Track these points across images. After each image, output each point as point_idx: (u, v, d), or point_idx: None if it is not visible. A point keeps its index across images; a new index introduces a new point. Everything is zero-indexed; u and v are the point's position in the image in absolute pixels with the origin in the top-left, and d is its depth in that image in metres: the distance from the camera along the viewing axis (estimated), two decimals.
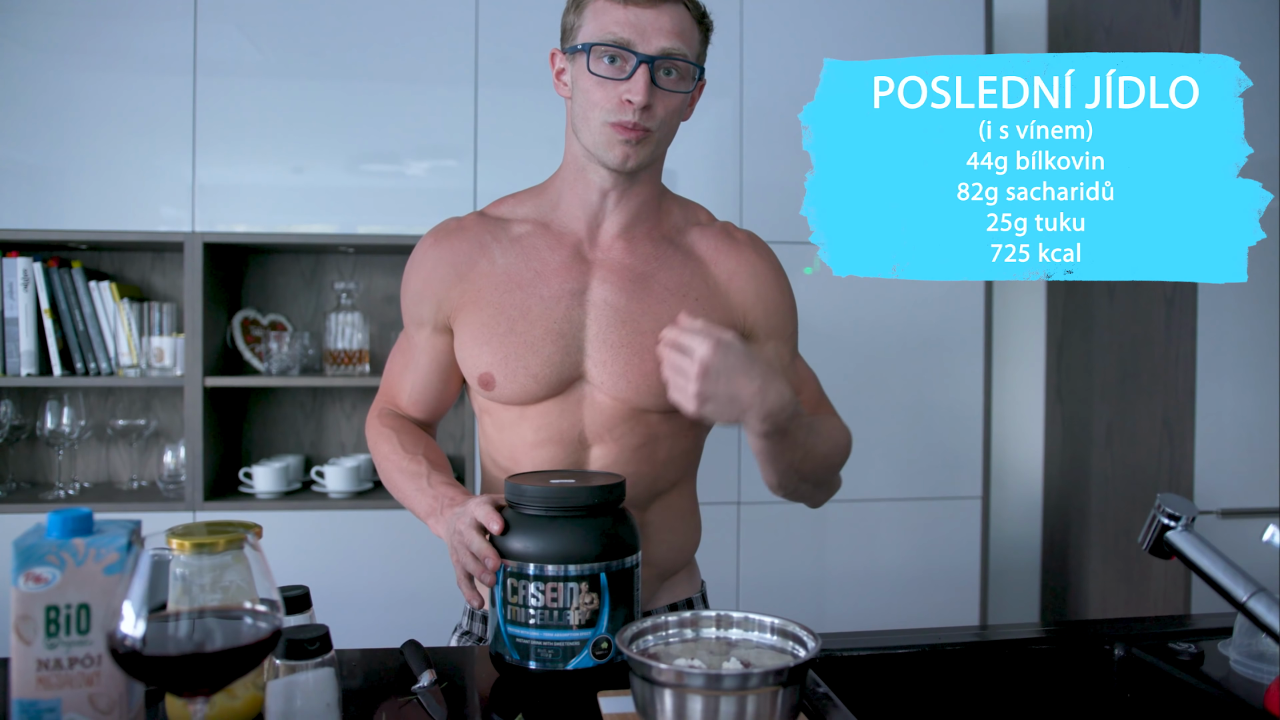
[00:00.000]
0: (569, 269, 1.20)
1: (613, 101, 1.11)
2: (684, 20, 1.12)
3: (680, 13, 1.12)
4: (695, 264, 1.23)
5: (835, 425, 1.25)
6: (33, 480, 2.53)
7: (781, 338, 1.26)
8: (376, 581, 2.32)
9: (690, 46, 1.13)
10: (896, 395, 2.55)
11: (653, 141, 1.14)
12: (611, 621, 1.00)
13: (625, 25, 1.09)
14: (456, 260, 1.22)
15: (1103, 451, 2.57)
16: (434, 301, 1.24)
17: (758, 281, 1.24)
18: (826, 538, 2.50)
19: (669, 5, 1.11)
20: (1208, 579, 0.98)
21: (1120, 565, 2.49)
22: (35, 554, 0.78)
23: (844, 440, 1.25)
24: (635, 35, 1.09)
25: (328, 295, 2.63)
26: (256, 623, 0.72)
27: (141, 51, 2.30)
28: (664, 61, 1.10)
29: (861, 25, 2.51)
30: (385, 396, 1.34)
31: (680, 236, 1.25)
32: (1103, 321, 2.58)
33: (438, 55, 2.37)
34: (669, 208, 1.27)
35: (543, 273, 1.20)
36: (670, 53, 1.10)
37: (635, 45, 1.09)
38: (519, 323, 1.19)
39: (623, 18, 1.10)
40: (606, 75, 1.11)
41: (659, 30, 1.10)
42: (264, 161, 2.34)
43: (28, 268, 2.31)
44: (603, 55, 1.11)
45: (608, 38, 1.10)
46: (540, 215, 1.24)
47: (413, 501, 1.21)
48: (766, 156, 2.47)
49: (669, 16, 1.10)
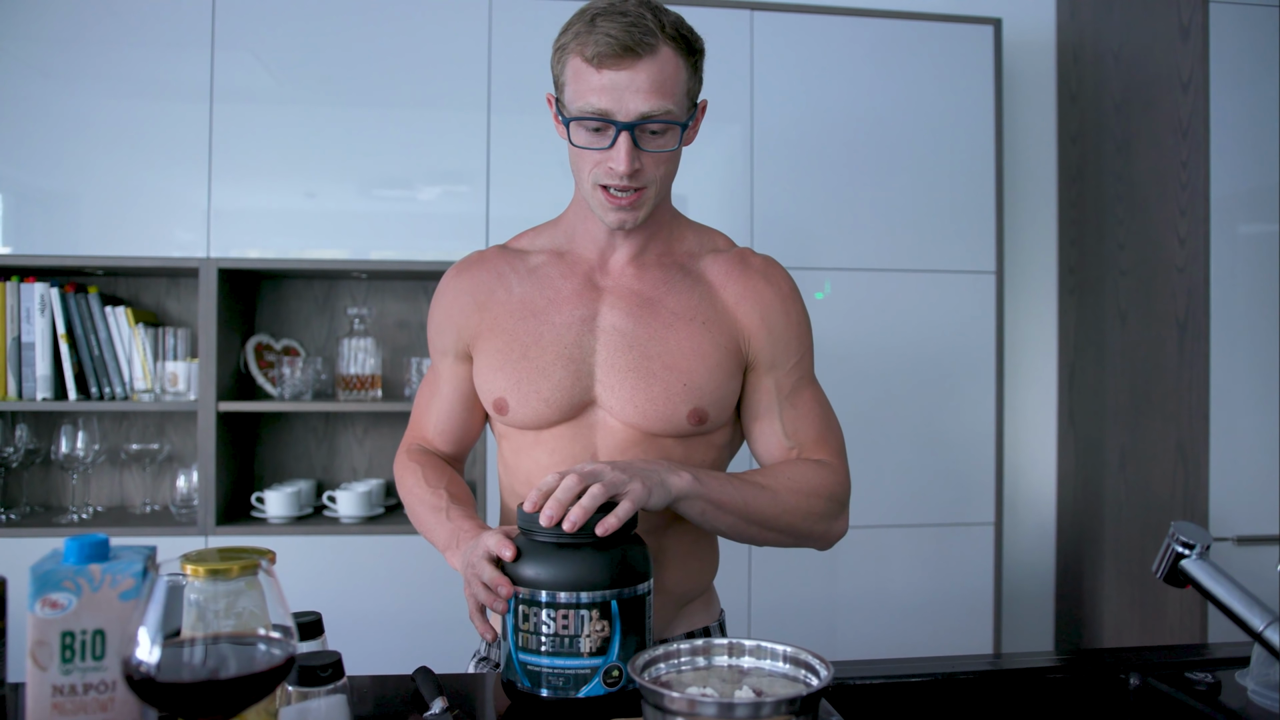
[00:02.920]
0: (581, 296, 1.22)
1: (601, 167, 1.12)
2: (665, 69, 1.09)
3: (659, 63, 1.09)
4: (704, 288, 1.23)
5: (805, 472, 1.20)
6: (46, 504, 2.54)
7: (783, 369, 1.24)
8: (388, 607, 2.32)
9: (673, 97, 1.10)
10: (908, 420, 2.54)
11: (648, 198, 1.15)
12: (623, 649, 1.00)
13: (602, 93, 1.08)
14: (476, 290, 1.26)
15: (1116, 476, 2.56)
16: (455, 331, 1.27)
17: (763, 307, 1.23)
18: (839, 564, 2.49)
19: (645, 61, 1.08)
20: (1223, 608, 0.97)
21: (1135, 592, 2.47)
22: (52, 580, 0.79)
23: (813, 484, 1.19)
24: (613, 103, 1.08)
25: (340, 320, 2.65)
26: (270, 649, 0.72)
27: (159, 79, 2.33)
28: (645, 124, 1.10)
29: (871, 53, 2.53)
30: (414, 432, 1.38)
31: (692, 262, 1.26)
32: (1115, 345, 2.58)
33: (451, 82, 2.39)
34: (682, 233, 1.28)
35: (556, 300, 1.22)
36: (650, 115, 1.09)
37: (614, 114, 1.09)
38: (532, 349, 1.20)
39: (599, 84, 1.08)
40: (589, 146, 1.12)
41: (636, 93, 1.08)
42: (278, 187, 2.37)
43: (45, 293, 2.34)
44: (584, 126, 1.11)
45: (587, 108, 1.09)
46: (555, 245, 1.27)
47: (433, 534, 1.23)
48: (777, 182, 2.48)
49: (645, 74, 1.08)
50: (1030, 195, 2.92)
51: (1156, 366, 2.39)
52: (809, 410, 1.26)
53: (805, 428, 1.25)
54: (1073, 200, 2.83)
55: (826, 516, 1.22)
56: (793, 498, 1.18)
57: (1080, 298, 2.78)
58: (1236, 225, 2.23)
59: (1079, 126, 2.80)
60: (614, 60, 1.08)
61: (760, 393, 1.24)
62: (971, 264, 2.56)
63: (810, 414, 1.26)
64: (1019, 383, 2.89)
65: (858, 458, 2.38)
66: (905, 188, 2.54)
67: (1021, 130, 2.90)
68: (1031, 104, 2.92)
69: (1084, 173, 2.76)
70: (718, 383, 1.19)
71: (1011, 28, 2.82)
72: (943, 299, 2.55)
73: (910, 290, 2.54)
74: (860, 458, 2.50)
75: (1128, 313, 2.52)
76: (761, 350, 1.23)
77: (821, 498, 1.20)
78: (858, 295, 2.52)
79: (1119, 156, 2.57)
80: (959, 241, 2.56)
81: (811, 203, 2.51)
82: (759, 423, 1.25)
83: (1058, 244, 2.91)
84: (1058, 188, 2.92)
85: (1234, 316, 2.22)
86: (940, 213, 2.55)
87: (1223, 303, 2.22)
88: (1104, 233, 2.65)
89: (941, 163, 2.56)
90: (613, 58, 1.07)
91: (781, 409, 1.24)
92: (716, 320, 1.22)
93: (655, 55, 1.09)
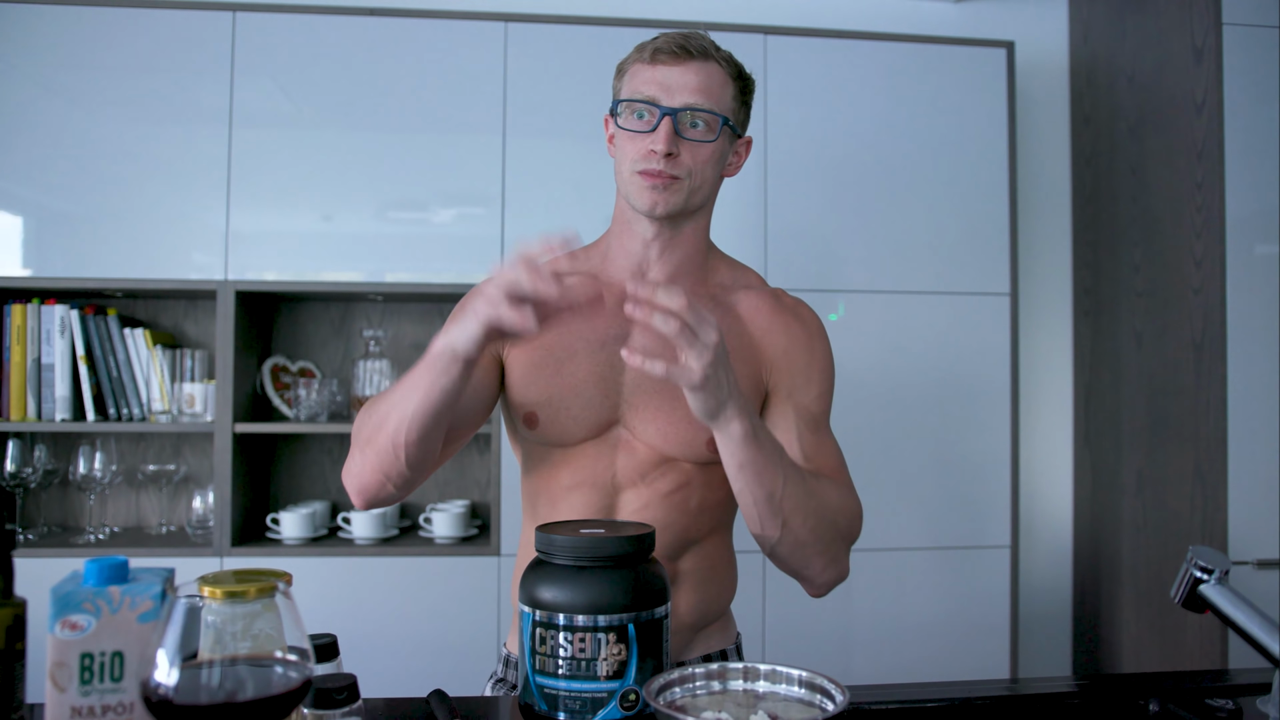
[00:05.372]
0: (615, 314, 1.22)
1: (641, 152, 1.17)
2: (713, 78, 1.18)
3: (710, 70, 1.18)
4: (733, 321, 1.25)
5: (832, 486, 1.19)
6: (64, 524, 2.56)
7: (802, 398, 1.24)
8: (402, 628, 2.32)
9: (718, 101, 1.18)
10: (924, 443, 2.53)
11: (682, 189, 1.18)
12: (640, 673, 0.99)
13: (653, 83, 1.17)
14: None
15: (1133, 499, 2.54)
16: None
17: (789, 340, 1.24)
18: (854, 588, 2.47)
19: (696, 63, 1.17)
20: (1243, 634, 0.96)
21: (1154, 616, 2.45)
22: (72, 601, 0.79)
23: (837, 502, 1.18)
24: (661, 92, 1.17)
25: (356, 342, 2.66)
26: (287, 672, 0.73)
27: (179, 104, 2.36)
28: (688, 114, 1.16)
29: (884, 76, 2.54)
30: None
31: (725, 295, 1.28)
32: (1130, 368, 2.56)
33: (466, 106, 2.42)
34: (716, 265, 1.31)
35: (590, 317, 1.23)
36: (694, 106, 1.16)
37: (660, 100, 1.16)
38: (566, 363, 1.22)
39: (651, 76, 1.17)
40: (635, 129, 1.18)
41: (684, 87, 1.16)
42: (295, 210, 2.39)
43: (64, 315, 2.36)
44: (632, 111, 1.18)
45: (637, 95, 1.18)
46: (591, 268, 1.29)
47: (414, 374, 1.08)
48: (791, 205, 2.49)
49: (695, 74, 1.17)
50: (1044, 217, 2.92)
51: (1173, 389, 2.37)
52: (828, 445, 1.25)
53: (825, 455, 1.24)
54: (1087, 222, 2.83)
55: (839, 539, 1.19)
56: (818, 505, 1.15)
57: (1095, 319, 2.77)
58: (1253, 246, 2.22)
59: (1092, 149, 2.79)
60: (669, 57, 1.17)
61: (779, 418, 1.24)
62: (986, 286, 2.56)
63: (829, 449, 1.25)
64: (1034, 405, 2.88)
65: (873, 481, 2.38)
66: (919, 210, 2.55)
67: (1035, 152, 2.91)
68: (1045, 126, 2.92)
69: (1098, 194, 2.76)
70: None
71: (1024, 51, 2.83)
72: (957, 321, 2.54)
73: (924, 312, 2.53)
74: (875, 481, 2.49)
75: (1143, 335, 2.51)
76: (781, 377, 1.24)
77: (842, 524, 1.19)
78: (872, 317, 2.51)
79: (1133, 178, 2.57)
80: (973, 263, 2.56)
81: (825, 225, 2.52)
82: None
83: (1072, 266, 2.90)
84: (1072, 209, 2.91)
85: (1251, 338, 2.21)
86: (954, 235, 2.55)
87: (1240, 324, 2.20)
88: (1119, 255, 2.64)
89: (955, 185, 2.56)
90: (667, 54, 1.17)
91: (801, 433, 1.23)
92: (741, 353, 1.23)
93: (707, 62, 1.18)
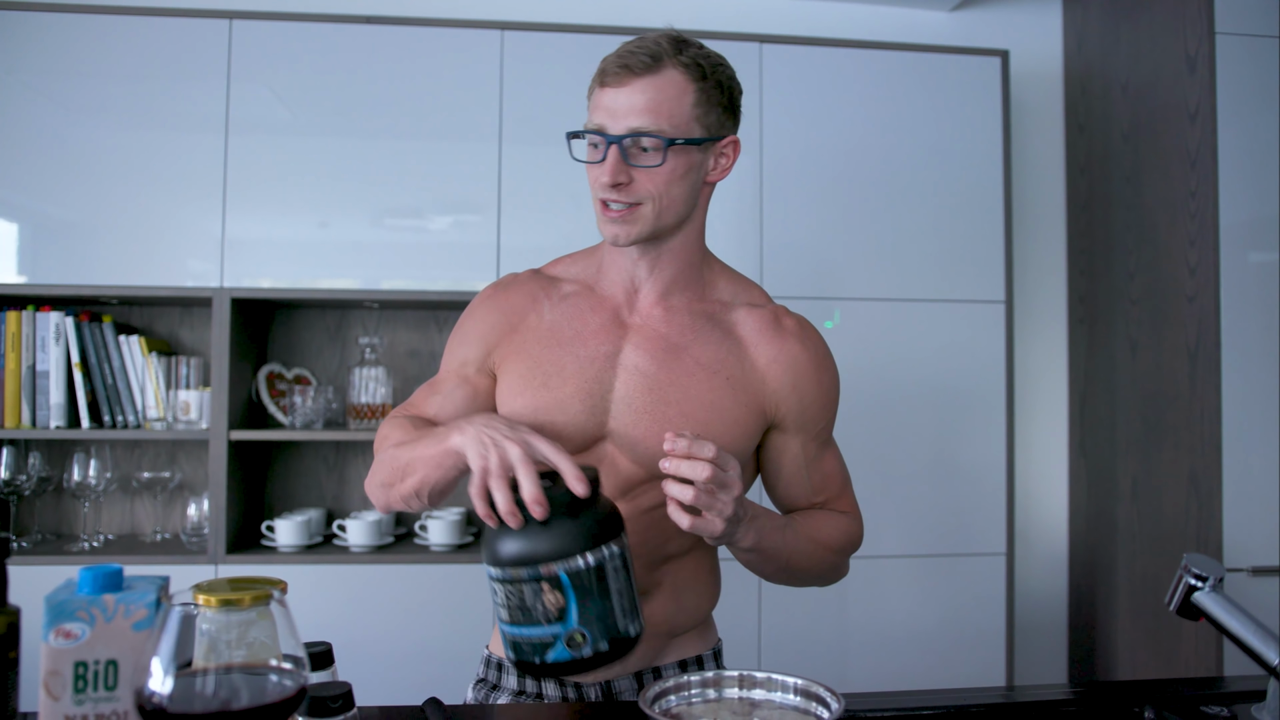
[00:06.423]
0: (607, 331, 1.22)
1: (598, 182, 1.15)
2: (663, 90, 1.12)
3: (659, 83, 1.12)
4: (733, 343, 1.23)
5: (836, 527, 1.27)
6: (58, 532, 2.55)
7: (810, 433, 1.25)
8: (397, 636, 2.31)
9: (669, 117, 1.12)
10: (919, 450, 2.53)
11: (644, 215, 1.15)
12: (582, 615, 0.99)
13: (600, 109, 1.14)
14: (511, 311, 1.26)
15: (1128, 506, 2.54)
16: (485, 346, 1.26)
17: (796, 373, 1.23)
18: (849, 595, 2.47)
19: (642, 80, 1.11)
20: (1237, 641, 0.96)
21: (1149, 623, 2.45)
22: (66, 609, 0.79)
23: (841, 541, 1.27)
24: (607, 118, 1.13)
25: (352, 350, 2.66)
26: (282, 680, 0.72)
27: (175, 111, 2.36)
28: (635, 139, 1.12)
29: (879, 85, 2.55)
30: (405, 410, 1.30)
31: (724, 313, 1.25)
32: (1125, 375, 2.57)
33: (462, 113, 2.42)
34: (714, 280, 1.28)
35: (583, 333, 1.22)
36: (637, 130, 1.11)
37: (607, 128, 1.13)
38: (553, 378, 1.21)
39: (599, 101, 1.14)
40: (588, 160, 1.16)
41: (629, 109, 1.11)
42: (291, 218, 2.39)
43: (59, 322, 2.36)
44: (586, 142, 1.17)
45: (589, 124, 1.15)
46: (587, 277, 1.28)
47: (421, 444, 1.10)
48: (786, 213, 2.49)
49: (640, 93, 1.11)
50: (1039, 225, 2.92)
51: (1168, 396, 2.38)
52: (833, 469, 1.30)
53: (830, 485, 1.30)
54: (1082, 230, 2.83)
55: (841, 565, 1.30)
56: (824, 552, 1.25)
57: (1090, 327, 2.78)
58: (1246, 254, 2.23)
59: (1087, 157, 2.80)
60: (613, 78, 1.13)
61: (787, 455, 1.26)
62: (981, 294, 2.56)
63: (834, 472, 1.30)
64: (1029, 412, 2.89)
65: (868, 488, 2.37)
66: (914, 218, 2.55)
67: (1030, 161, 2.92)
68: (1039, 135, 2.93)
69: (1092, 202, 2.77)
70: (732, 438, 1.18)
71: (1019, 59, 2.84)
72: (952, 329, 2.55)
73: (919, 320, 2.54)
74: (871, 488, 2.49)
75: (1138, 342, 2.51)
76: (790, 413, 1.23)
77: (847, 553, 1.28)
78: (867, 325, 2.52)
79: (1127, 186, 2.58)
80: (968, 271, 2.56)
81: (820, 233, 2.52)
82: (784, 482, 1.28)
83: (1067, 273, 2.91)
84: (1066, 217, 2.92)
85: (1246, 345, 2.22)
86: (949, 243, 2.56)
87: (1234, 331, 2.21)
88: (1113, 262, 2.65)
89: (950, 193, 2.57)
90: (612, 74, 1.13)
91: (809, 470, 1.27)
92: (743, 379, 1.21)
93: (655, 75, 1.12)
